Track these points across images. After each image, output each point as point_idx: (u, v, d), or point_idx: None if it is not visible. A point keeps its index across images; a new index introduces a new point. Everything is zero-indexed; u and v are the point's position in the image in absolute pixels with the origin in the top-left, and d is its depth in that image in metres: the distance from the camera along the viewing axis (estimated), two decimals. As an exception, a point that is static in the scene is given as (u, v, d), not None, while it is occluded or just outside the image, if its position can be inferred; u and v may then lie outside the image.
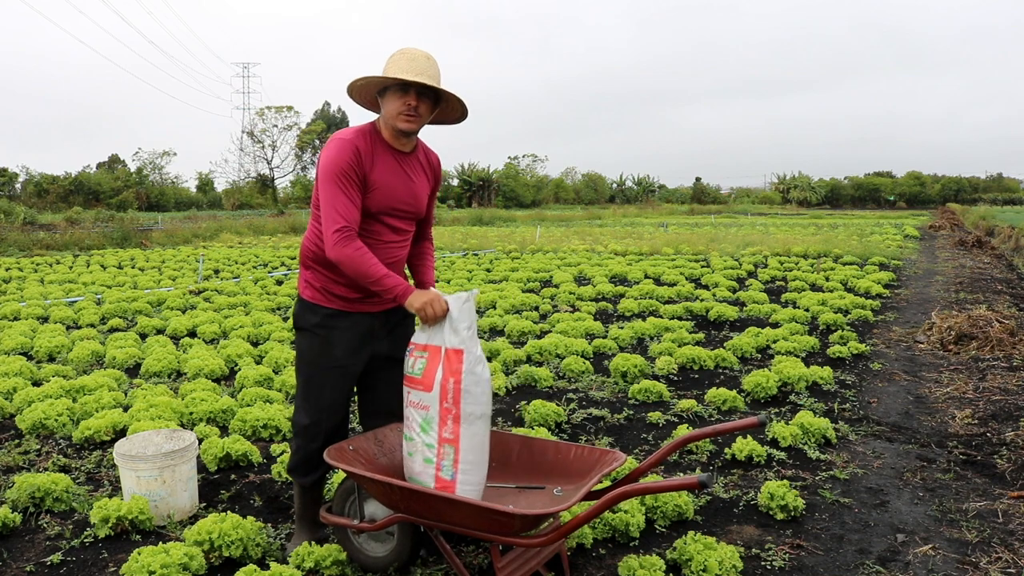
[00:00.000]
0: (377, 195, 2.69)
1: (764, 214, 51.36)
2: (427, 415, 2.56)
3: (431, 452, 2.57)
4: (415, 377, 2.60)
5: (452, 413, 2.53)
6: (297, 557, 2.87)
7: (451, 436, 2.53)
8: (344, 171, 2.61)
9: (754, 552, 3.06)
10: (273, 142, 62.31)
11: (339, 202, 2.60)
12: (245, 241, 24.30)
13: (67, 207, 42.97)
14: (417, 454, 2.62)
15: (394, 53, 2.68)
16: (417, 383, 2.59)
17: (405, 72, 2.58)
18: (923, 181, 78.15)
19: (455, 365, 2.52)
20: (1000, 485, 3.73)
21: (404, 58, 2.63)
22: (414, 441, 2.62)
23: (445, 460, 2.55)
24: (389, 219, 2.77)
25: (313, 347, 2.83)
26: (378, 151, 2.70)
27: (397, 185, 2.73)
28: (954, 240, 21.54)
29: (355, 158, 2.62)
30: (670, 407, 5.04)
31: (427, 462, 2.58)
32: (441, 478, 2.56)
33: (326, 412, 2.84)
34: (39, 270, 14.98)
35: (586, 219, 42.84)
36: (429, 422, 2.56)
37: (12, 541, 3.19)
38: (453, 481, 2.56)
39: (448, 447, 2.54)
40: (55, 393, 5.08)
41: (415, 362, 2.62)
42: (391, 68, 2.63)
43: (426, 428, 2.57)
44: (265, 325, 7.82)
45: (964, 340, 6.81)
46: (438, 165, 2.96)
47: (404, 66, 2.61)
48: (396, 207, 2.76)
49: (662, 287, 10.72)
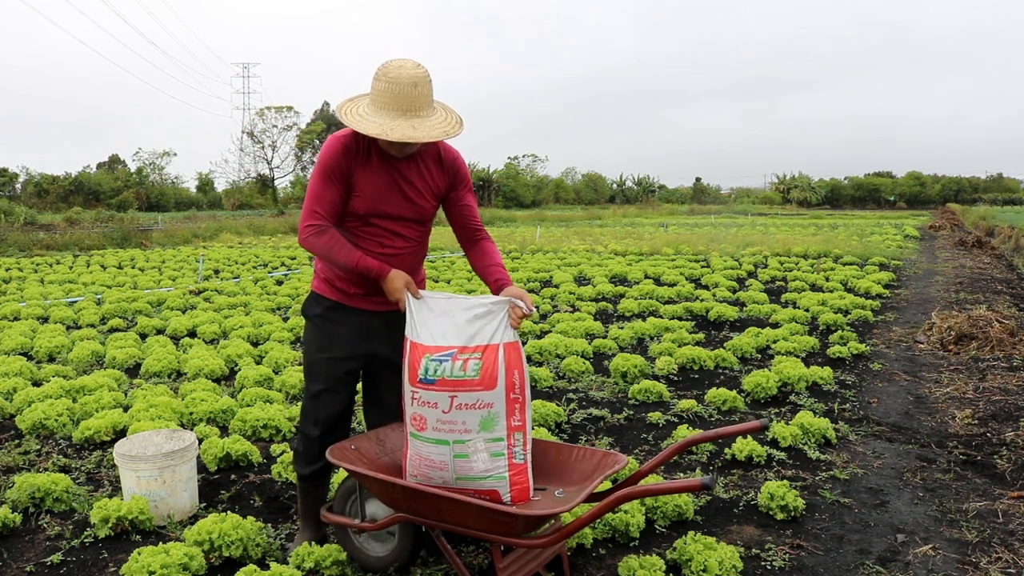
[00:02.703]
0: (363, 197, 2.68)
1: (764, 214, 51.35)
2: (490, 412, 2.56)
3: (499, 445, 2.58)
4: (469, 380, 2.55)
5: (519, 402, 2.59)
6: (297, 557, 2.87)
7: (519, 423, 2.60)
8: (331, 167, 2.63)
9: (754, 552, 3.06)
10: (273, 142, 62.29)
11: (320, 197, 2.64)
12: (245, 241, 24.30)
13: (67, 207, 42.95)
14: (479, 453, 2.58)
15: (378, 74, 2.55)
16: (474, 385, 2.55)
17: (389, 112, 2.50)
18: (923, 181, 78.15)
19: (516, 356, 2.59)
20: (1000, 485, 3.73)
21: (389, 91, 2.51)
22: (470, 443, 2.57)
23: (516, 447, 2.60)
24: (383, 221, 2.73)
25: (314, 336, 2.89)
26: (373, 151, 2.67)
27: (388, 187, 2.69)
28: (954, 240, 21.54)
29: (344, 156, 2.63)
30: (670, 407, 5.04)
31: (496, 456, 2.58)
32: (515, 464, 2.60)
33: (322, 400, 2.86)
34: (39, 270, 14.97)
35: (586, 219, 42.83)
36: (494, 418, 2.57)
37: (12, 541, 3.19)
38: (525, 463, 2.62)
39: (518, 434, 2.60)
40: (55, 393, 5.08)
41: (463, 364, 2.56)
42: (377, 99, 2.53)
43: (488, 425, 2.57)
44: (265, 325, 7.82)
45: (964, 340, 6.81)
46: (454, 161, 2.82)
47: (388, 102, 2.50)
48: (386, 210, 2.72)
49: (662, 287, 10.72)
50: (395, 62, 2.56)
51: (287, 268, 14.96)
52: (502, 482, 2.57)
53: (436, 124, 2.56)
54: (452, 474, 2.61)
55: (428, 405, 2.59)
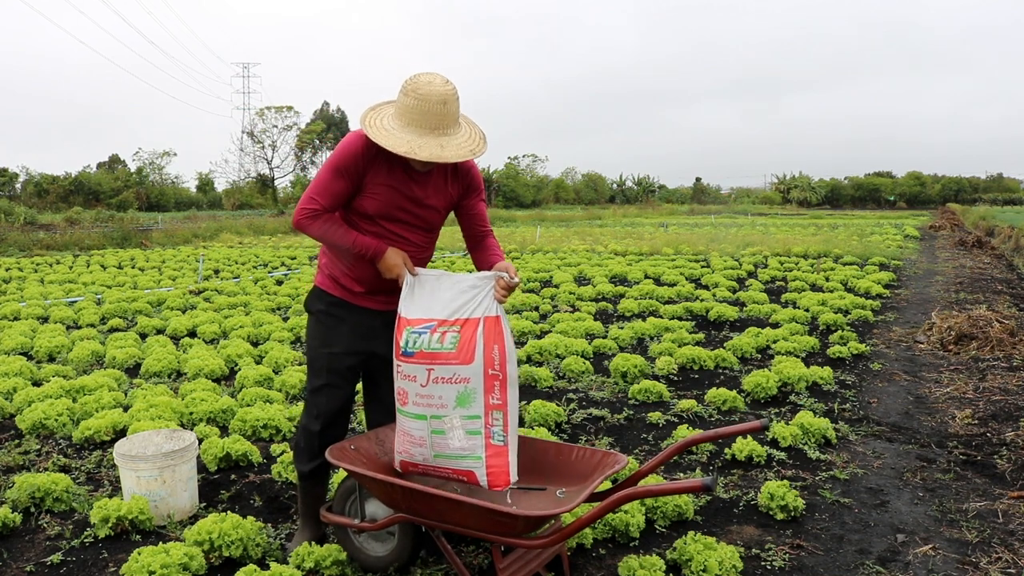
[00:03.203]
0: (374, 199, 2.68)
1: (764, 214, 51.35)
2: (466, 388, 2.51)
3: (476, 423, 2.52)
4: (446, 352, 2.52)
5: (499, 379, 2.52)
6: (297, 557, 2.87)
7: (499, 401, 2.53)
8: (345, 164, 2.63)
9: (754, 552, 3.06)
10: (273, 142, 62.32)
11: (326, 188, 2.64)
12: (245, 241, 24.31)
13: (67, 207, 42.95)
14: (455, 430, 2.54)
15: (406, 88, 2.54)
16: (449, 357, 2.52)
17: (417, 129, 2.51)
18: (923, 181, 78.15)
19: (497, 331, 2.54)
20: (1000, 485, 3.73)
21: (418, 109, 2.51)
22: (446, 419, 2.54)
23: (495, 426, 2.53)
24: (390, 224, 2.74)
25: (316, 331, 2.91)
26: (392, 157, 2.66)
27: (401, 193, 2.70)
28: (954, 240, 21.55)
29: (362, 157, 2.63)
30: (670, 407, 5.04)
31: (472, 433, 2.53)
32: (493, 445, 2.53)
33: (324, 395, 2.87)
34: (39, 270, 14.98)
35: (586, 219, 42.84)
36: (470, 394, 2.52)
37: (12, 541, 3.19)
38: (505, 446, 2.54)
39: (497, 412, 2.53)
40: (55, 393, 5.08)
41: (441, 337, 2.55)
42: (404, 115, 2.53)
43: (465, 401, 2.52)
44: (265, 325, 7.82)
45: (964, 340, 6.81)
46: (470, 170, 2.84)
47: (417, 118, 2.51)
48: (395, 214, 2.73)
49: (662, 287, 10.72)
50: (424, 77, 2.55)
51: (287, 268, 14.96)
52: (478, 463, 2.52)
53: (463, 143, 2.58)
54: (430, 451, 2.59)
55: (408, 378, 2.60)
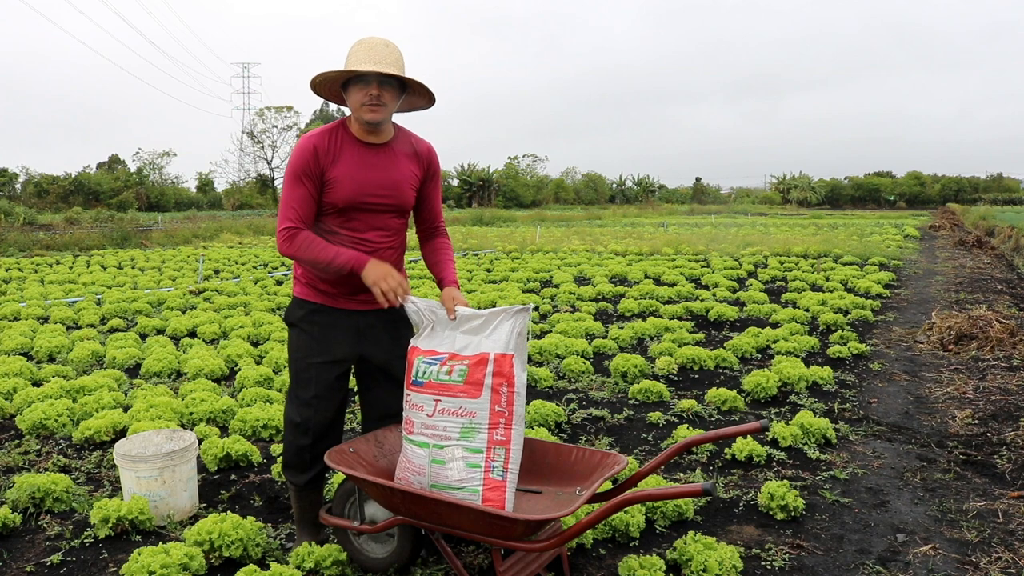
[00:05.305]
0: (340, 188, 2.67)
1: (764, 214, 51.36)
2: (471, 421, 2.53)
3: (477, 457, 2.53)
4: (453, 384, 2.54)
5: (505, 417, 2.52)
6: (297, 557, 2.87)
7: (503, 438, 2.53)
8: (300, 170, 2.65)
9: (754, 552, 3.06)
10: (273, 142, 62.45)
11: (291, 200, 2.66)
12: (245, 241, 24.29)
13: (67, 207, 42.97)
14: (456, 461, 2.55)
15: (353, 45, 2.67)
16: (456, 390, 2.53)
17: (362, 63, 2.58)
18: (923, 181, 78.19)
19: (507, 370, 2.51)
20: (1000, 485, 3.73)
21: (362, 49, 2.62)
22: (448, 449, 2.56)
23: (496, 461, 2.53)
24: (362, 214, 2.73)
25: (299, 342, 2.84)
26: (344, 146, 2.69)
27: (365, 176, 2.70)
28: (954, 240, 21.55)
29: (311, 157, 2.65)
30: (670, 407, 5.04)
31: (472, 467, 2.53)
32: (491, 479, 2.54)
33: (313, 407, 2.82)
34: (39, 270, 14.97)
35: (586, 219, 42.83)
36: (474, 428, 2.53)
37: (12, 541, 3.19)
38: (504, 481, 2.54)
39: (499, 448, 2.53)
40: (55, 393, 5.08)
41: (450, 369, 2.56)
42: (350, 60, 2.63)
43: (468, 434, 2.53)
44: (265, 325, 7.81)
45: (964, 340, 6.81)
46: (429, 153, 2.87)
47: (362, 56, 2.60)
48: (365, 200, 2.71)
49: (662, 287, 10.72)
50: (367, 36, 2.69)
51: (287, 268, 14.95)
52: (474, 496, 2.51)
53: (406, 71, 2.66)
54: (428, 479, 2.58)
55: (415, 407, 2.61)
